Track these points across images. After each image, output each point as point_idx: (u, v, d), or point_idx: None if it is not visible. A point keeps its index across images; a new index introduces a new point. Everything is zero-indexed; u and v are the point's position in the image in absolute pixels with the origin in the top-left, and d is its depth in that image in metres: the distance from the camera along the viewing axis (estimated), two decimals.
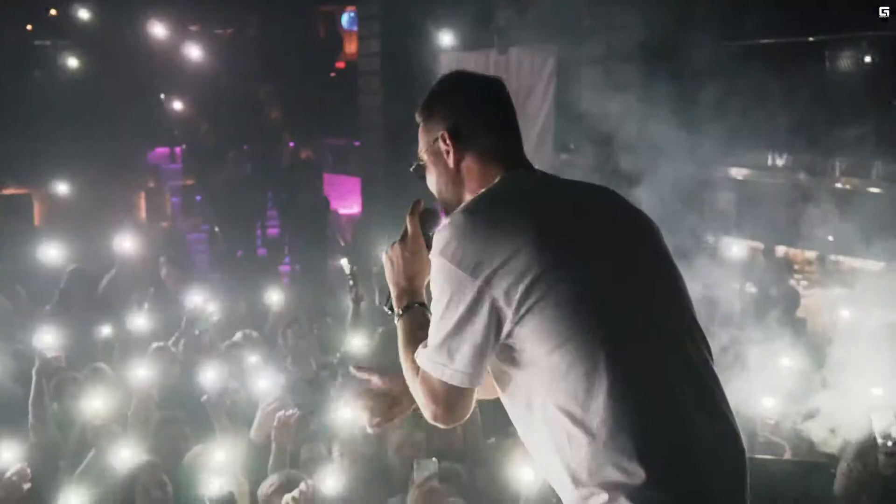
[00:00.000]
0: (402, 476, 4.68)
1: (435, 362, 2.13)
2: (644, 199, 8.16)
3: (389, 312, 2.43)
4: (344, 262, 6.63)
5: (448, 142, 2.31)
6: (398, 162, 11.39)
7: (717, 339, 5.71)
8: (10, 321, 7.02)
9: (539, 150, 9.84)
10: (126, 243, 8.22)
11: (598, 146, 9.01)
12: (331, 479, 4.11)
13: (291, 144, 13.57)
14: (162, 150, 14.01)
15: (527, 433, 2.18)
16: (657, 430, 1.99)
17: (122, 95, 13.47)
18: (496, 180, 2.27)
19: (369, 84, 12.02)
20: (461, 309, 2.07)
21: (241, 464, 4.51)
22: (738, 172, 10.18)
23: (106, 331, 6.46)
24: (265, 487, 4.21)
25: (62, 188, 12.18)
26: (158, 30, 14.00)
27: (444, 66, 11.18)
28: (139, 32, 14.00)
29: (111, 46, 14.00)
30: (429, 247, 2.31)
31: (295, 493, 3.29)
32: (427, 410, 2.20)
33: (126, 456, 4.48)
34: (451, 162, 2.32)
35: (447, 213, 2.36)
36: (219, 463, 4.24)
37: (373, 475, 4.79)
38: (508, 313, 2.04)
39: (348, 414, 4.50)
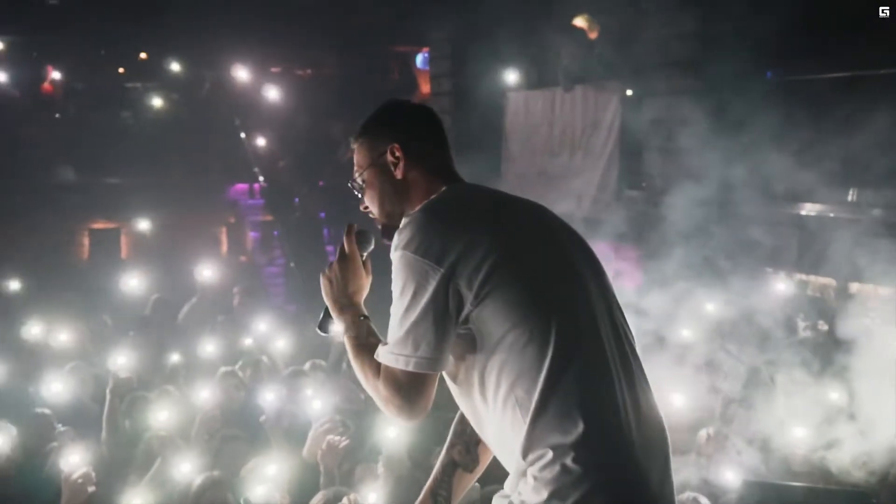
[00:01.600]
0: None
1: (399, 355, 2.29)
2: (714, 233, 8.20)
3: (324, 334, 2.60)
4: None
5: (398, 153, 2.51)
6: None
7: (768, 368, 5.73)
8: (90, 346, 7.41)
9: (603, 187, 9.93)
10: (207, 275, 8.68)
11: (666, 183, 9.05)
12: (373, 494, 4.28)
13: None
14: (242, 186, 14.52)
15: (483, 424, 2.37)
16: (596, 400, 2.21)
17: (206, 134, 14.07)
18: (442, 190, 2.48)
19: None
20: (426, 297, 2.24)
21: (290, 480, 4.71)
22: (812, 208, 10.08)
23: (175, 357, 6.79)
24: (313, 503, 4.41)
25: (149, 223, 12.74)
26: (242, 73, 14.59)
27: (512, 104, 11.42)
28: (223, 74, 14.61)
29: (196, 88, 14.63)
30: (365, 266, 2.53)
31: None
32: (391, 406, 2.35)
33: (188, 469, 4.74)
34: (398, 173, 2.51)
35: (386, 227, 2.53)
36: (266, 475, 4.45)
37: (417, 494, 4.93)
38: (469, 297, 2.23)
39: (394, 433, 4.68)
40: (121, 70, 15.18)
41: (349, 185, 2.64)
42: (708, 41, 8.70)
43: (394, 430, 4.73)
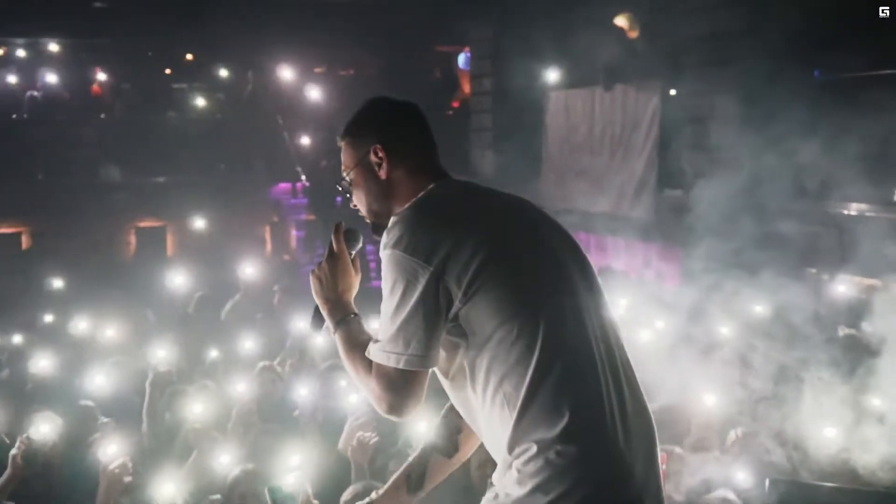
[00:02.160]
0: (483, 494, 4.83)
1: (390, 353, 2.31)
2: (754, 232, 8.14)
3: (316, 331, 2.61)
4: None
5: (381, 154, 2.50)
6: None
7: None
8: (134, 341, 7.58)
9: (642, 185, 9.90)
10: (249, 273, 8.82)
11: (706, 182, 9.00)
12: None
13: None
14: (285, 186, 14.68)
15: (475, 419, 2.41)
16: (581, 396, 2.23)
17: (250, 134, 14.26)
18: (429, 188, 2.48)
19: (481, 122, 12.36)
20: (416, 295, 2.26)
21: (324, 473, 4.79)
22: (855, 207, 9.95)
23: (213, 352, 6.92)
24: (345, 496, 4.48)
25: (194, 221, 12.96)
26: (286, 73, 14.76)
27: (553, 103, 11.44)
28: (267, 75, 14.79)
29: (240, 88, 14.83)
30: (354, 264, 2.54)
31: (366, 500, 3.52)
32: (382, 403, 2.37)
33: (224, 461, 4.85)
34: (383, 173, 2.51)
35: (375, 225, 2.55)
36: (294, 466, 4.51)
37: (453, 492, 4.97)
38: (458, 294, 2.26)
39: (425, 427, 4.73)
40: (167, 71, 15.45)
41: (337, 185, 2.66)
42: (751, 39, 8.63)
43: (425, 425, 4.78)
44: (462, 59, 14.97)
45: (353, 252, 2.59)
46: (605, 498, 2.21)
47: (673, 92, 9.80)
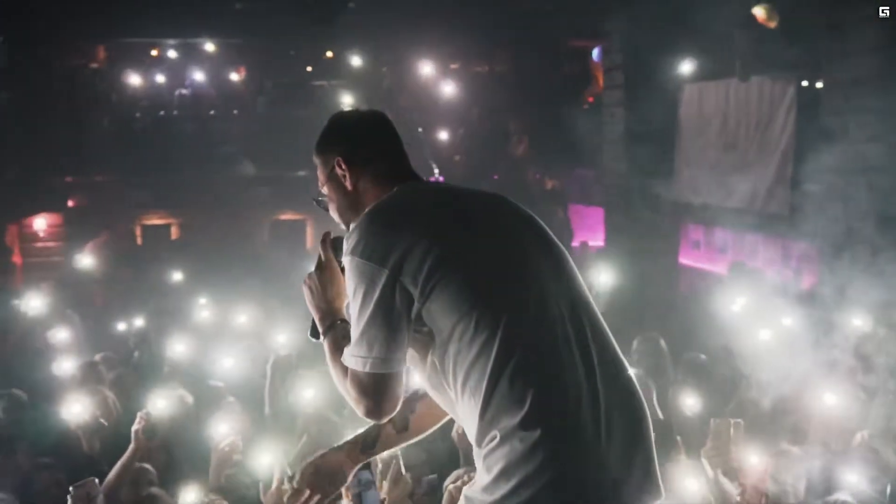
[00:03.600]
0: None
1: (356, 356, 2.37)
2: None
3: (315, 340, 2.64)
4: None
5: (343, 166, 2.57)
6: (640, 193, 11.52)
7: None
8: (264, 328, 7.89)
9: (778, 181, 9.57)
10: None
11: (845, 178, 8.65)
12: None
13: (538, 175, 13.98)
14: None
15: (457, 417, 2.45)
16: (544, 383, 2.23)
17: None
18: (390, 192, 2.52)
19: (613, 115, 12.21)
20: (375, 298, 2.31)
21: (432, 457, 4.87)
22: None
23: None
24: (448, 481, 4.55)
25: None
26: (426, 69, 15.00)
27: (686, 95, 11.19)
28: (403, 71, 15.06)
29: (377, 85, 15.16)
30: (343, 272, 2.53)
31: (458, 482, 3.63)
32: (359, 406, 2.42)
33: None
34: (349, 184, 2.57)
35: None
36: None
37: None
38: (416, 294, 2.29)
39: None
40: (308, 68, 15.93)
41: (314, 201, 2.72)
42: (893, 27, 8.22)
43: None
44: (596, 53, 14.83)
45: (342, 261, 2.58)
46: (571, 480, 2.19)
47: (807, 83, 9.43)
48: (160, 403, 5.14)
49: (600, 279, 6.74)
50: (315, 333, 2.63)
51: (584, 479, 2.20)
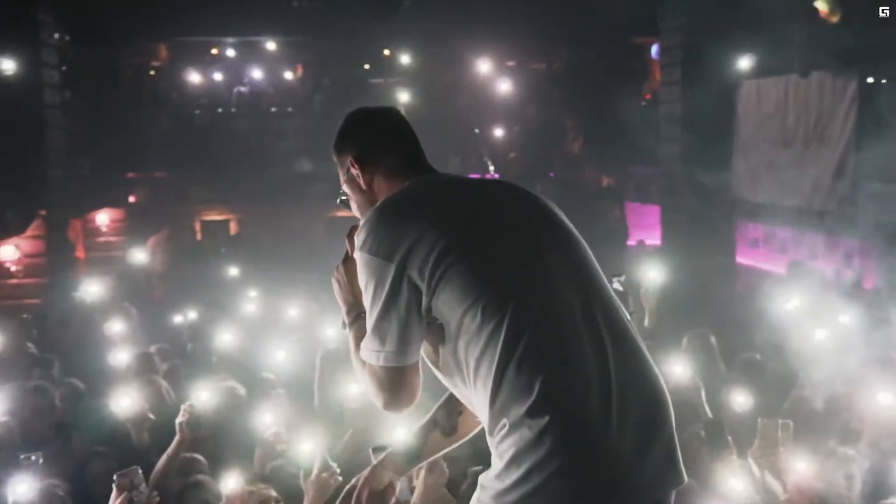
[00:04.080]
0: None
1: (370, 350, 2.39)
2: None
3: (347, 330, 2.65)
4: (615, 279, 6.77)
5: (356, 165, 2.59)
6: (697, 191, 11.38)
7: None
8: (317, 322, 7.98)
9: (838, 179, 9.38)
10: None
11: None
12: None
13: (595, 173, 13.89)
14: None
15: (474, 408, 2.41)
16: (553, 370, 2.19)
17: (443, 126, 14.58)
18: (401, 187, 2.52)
19: (671, 112, 12.09)
20: (384, 293, 2.32)
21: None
22: None
23: None
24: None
25: None
26: (483, 67, 15.00)
27: (744, 93, 11.03)
28: (460, 68, 15.08)
29: (435, 83, 15.19)
30: None
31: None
32: (378, 399, 2.44)
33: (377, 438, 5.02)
34: (363, 183, 2.59)
35: None
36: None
37: None
38: (423, 288, 2.28)
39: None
40: (366, 66, 16.03)
41: (337, 202, 2.75)
42: None
43: None
44: (655, 50, 14.68)
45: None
46: (581, 466, 2.16)
47: (870, 79, 9.21)
48: (203, 395, 5.22)
49: (649, 276, 6.64)
50: (346, 325, 2.67)
51: (594, 465, 2.17)
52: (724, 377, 6.23)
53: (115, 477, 3.56)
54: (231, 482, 3.72)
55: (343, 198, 2.73)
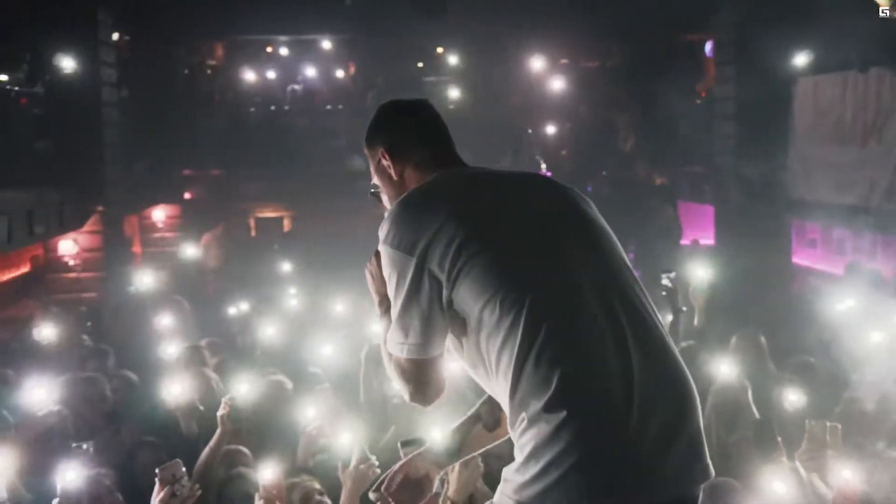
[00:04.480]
0: None
1: (395, 342, 2.40)
2: None
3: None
4: (664, 276, 6.71)
5: (386, 157, 2.61)
6: (751, 190, 11.22)
7: None
8: (362, 318, 8.04)
9: None
10: None
11: None
12: None
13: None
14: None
15: (496, 396, 2.40)
16: (573, 363, 2.18)
17: (495, 124, 14.57)
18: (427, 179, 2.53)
19: (724, 110, 11.93)
20: (406, 286, 2.33)
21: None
22: None
23: None
24: None
25: None
26: (536, 64, 14.94)
27: (800, 90, 10.83)
28: (512, 67, 15.04)
29: (487, 81, 15.17)
30: None
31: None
32: (404, 391, 2.46)
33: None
34: (394, 174, 2.61)
35: None
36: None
37: None
38: (444, 280, 2.29)
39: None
40: (419, 64, 16.06)
41: (368, 194, 2.76)
42: None
43: None
44: (708, 48, 14.50)
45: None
46: (599, 461, 2.14)
47: None
48: (243, 388, 5.29)
49: (697, 274, 6.57)
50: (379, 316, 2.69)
51: (613, 460, 2.15)
52: (775, 377, 6.15)
53: (157, 471, 3.62)
54: (268, 473, 3.75)
55: (374, 191, 2.75)
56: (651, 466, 2.18)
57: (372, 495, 2.79)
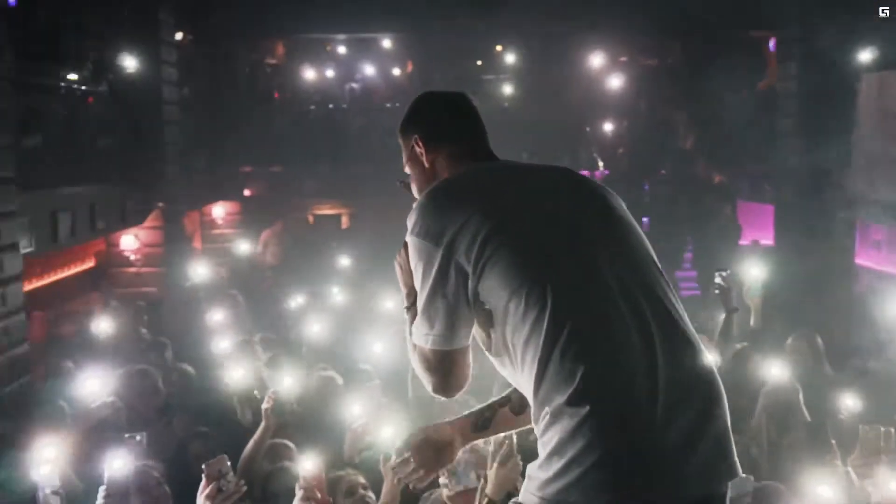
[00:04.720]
0: None
1: (419, 333, 2.42)
2: None
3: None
4: (718, 274, 6.61)
5: (421, 144, 2.64)
6: (813, 190, 10.99)
7: None
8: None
9: None
10: None
11: None
12: None
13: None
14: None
15: (521, 389, 2.39)
16: (596, 357, 2.17)
17: (552, 122, 14.48)
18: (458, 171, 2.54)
19: (786, 108, 11.71)
20: (432, 277, 2.34)
21: None
22: None
23: None
24: None
25: None
26: (595, 62, 14.83)
27: (865, 87, 10.57)
28: (570, 65, 14.94)
29: (546, 79, 15.08)
30: None
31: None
32: (428, 383, 2.49)
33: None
34: (426, 162, 2.64)
35: None
36: None
37: None
38: (470, 272, 2.29)
39: None
40: (478, 62, 16.03)
41: (397, 182, 2.79)
42: None
43: None
44: (770, 44, 14.23)
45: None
46: (621, 459, 2.11)
47: None
48: (287, 382, 5.35)
49: (751, 274, 6.46)
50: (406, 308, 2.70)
51: (635, 457, 2.13)
52: (830, 379, 6.03)
53: (203, 466, 3.67)
54: (308, 465, 3.78)
55: (404, 180, 2.78)
56: (675, 464, 2.16)
57: (395, 453, 2.82)
